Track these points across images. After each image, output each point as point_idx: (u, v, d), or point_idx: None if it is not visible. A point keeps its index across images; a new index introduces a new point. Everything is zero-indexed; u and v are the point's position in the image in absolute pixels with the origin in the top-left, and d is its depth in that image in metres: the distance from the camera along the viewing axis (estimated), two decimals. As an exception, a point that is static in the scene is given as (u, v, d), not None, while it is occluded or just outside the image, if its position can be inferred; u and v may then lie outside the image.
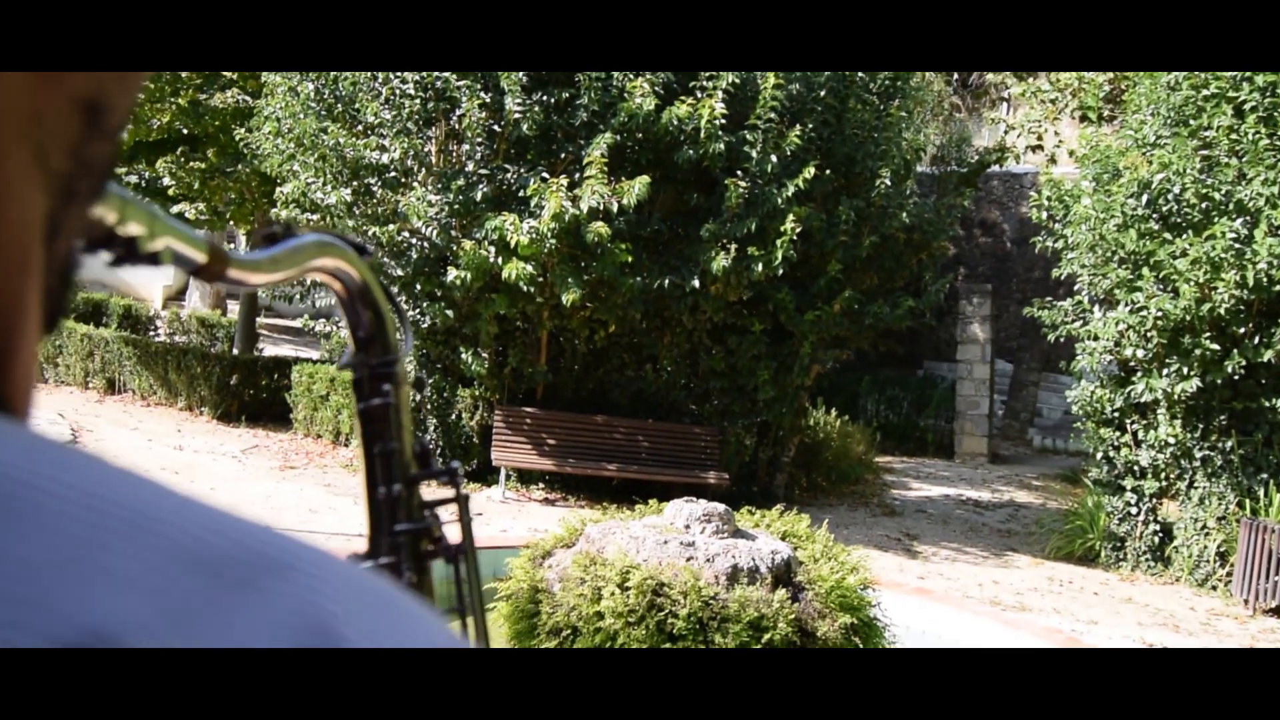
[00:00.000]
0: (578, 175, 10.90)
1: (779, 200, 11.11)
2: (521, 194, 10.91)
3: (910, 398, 20.17)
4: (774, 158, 11.17)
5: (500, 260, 10.89)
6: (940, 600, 9.06)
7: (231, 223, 15.98)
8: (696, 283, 11.29)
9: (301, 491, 11.17)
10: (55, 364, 15.82)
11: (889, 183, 11.80)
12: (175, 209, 14.91)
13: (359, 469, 0.89)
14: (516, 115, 10.91)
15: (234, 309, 19.15)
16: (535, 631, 6.30)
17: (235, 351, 16.47)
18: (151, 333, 18.59)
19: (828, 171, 11.66)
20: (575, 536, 6.97)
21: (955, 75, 19.70)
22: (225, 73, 14.36)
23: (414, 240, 11.51)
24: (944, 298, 14.02)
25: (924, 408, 19.95)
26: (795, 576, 6.70)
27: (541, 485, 12.62)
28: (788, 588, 6.50)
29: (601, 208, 10.58)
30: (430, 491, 0.89)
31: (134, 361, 15.38)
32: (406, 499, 0.84)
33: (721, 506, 6.93)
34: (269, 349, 18.38)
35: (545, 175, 10.92)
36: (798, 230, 11.08)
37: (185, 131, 14.54)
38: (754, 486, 12.83)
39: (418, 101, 11.18)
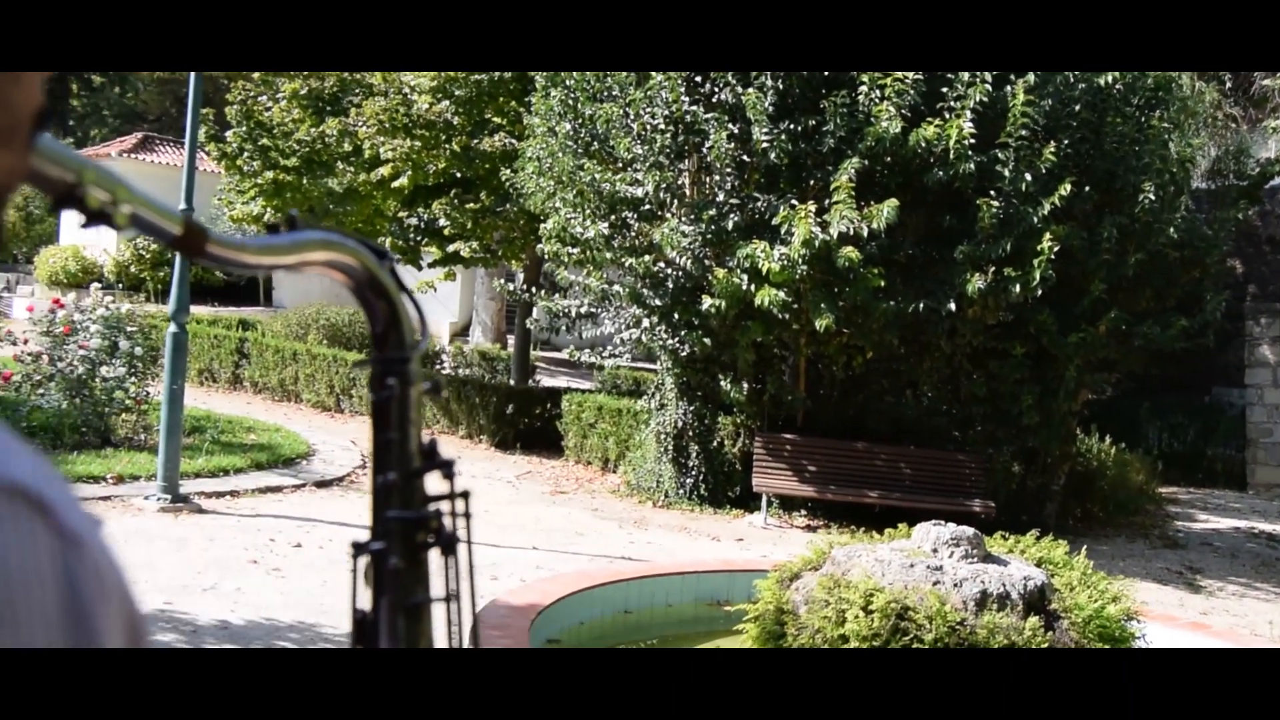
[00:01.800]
0: (826, 201, 10.86)
1: (1035, 219, 10.76)
2: (772, 221, 10.96)
3: (1196, 425, 18.95)
4: (1028, 175, 10.82)
5: (753, 287, 10.96)
6: (1218, 636, 8.50)
7: (503, 259, 16.67)
8: (952, 306, 11.03)
9: (569, 515, 11.52)
10: (350, 395, 16.86)
11: (1153, 197, 11.21)
12: (451, 247, 15.68)
13: (370, 460, 0.94)
14: (764, 144, 10.98)
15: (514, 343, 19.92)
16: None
17: (512, 382, 17.15)
18: (437, 366, 19.58)
19: (1086, 188, 11.19)
20: (822, 559, 6.94)
21: (1229, 83, 18.52)
22: (494, 119, 15.06)
23: (669, 270, 11.73)
24: (1224, 318, 13.16)
25: (1211, 435, 18.72)
26: (1050, 604, 6.46)
27: (804, 512, 12.58)
28: (1041, 615, 6.28)
29: (851, 232, 10.50)
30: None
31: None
32: (405, 489, 0.89)
33: (971, 530, 6.75)
34: (546, 380, 19.03)
35: (794, 202, 10.94)
36: (1056, 249, 10.68)
37: (459, 175, 15.29)
38: (1022, 515, 12.36)
39: (668, 136, 11.41)
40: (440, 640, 0.89)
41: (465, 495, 0.92)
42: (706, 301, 11.28)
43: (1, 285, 27.98)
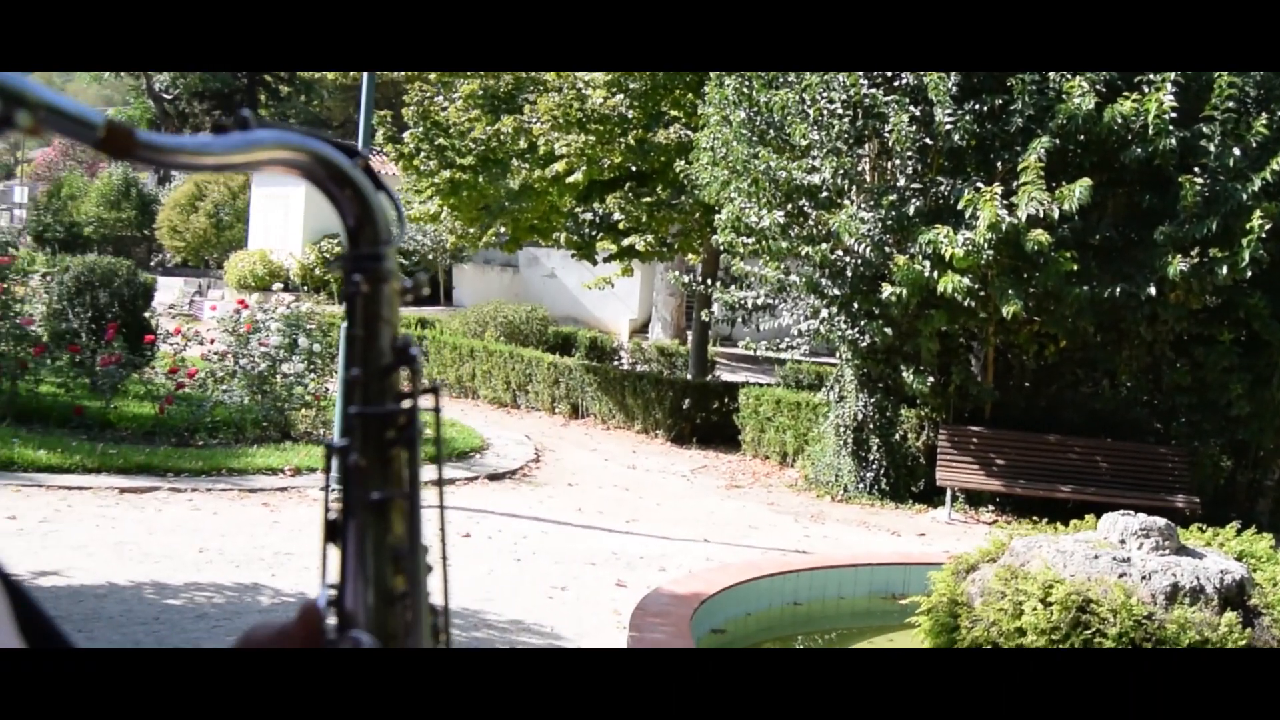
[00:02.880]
0: (1014, 183, 10.58)
1: (1243, 196, 10.26)
2: (955, 205, 10.73)
3: None
4: (1236, 150, 10.33)
5: (936, 274, 10.77)
6: None
7: (679, 252, 16.76)
8: (1153, 290, 10.61)
9: (744, 509, 11.52)
10: (526, 390, 17.22)
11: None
12: (625, 241, 15.84)
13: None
14: (947, 126, 10.77)
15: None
16: (954, 646, 6.18)
17: (689, 377, 17.24)
18: (616, 362, 19.84)
19: (1301, 161, 10.61)
20: (1000, 550, 6.77)
21: None
22: (669, 111, 15.15)
23: (848, 258, 11.60)
24: None
25: None
26: (1249, 599, 6.16)
27: (991, 508, 12.29)
28: (1239, 610, 6.00)
29: (1041, 215, 10.21)
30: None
31: (595, 388, 16.48)
32: (370, 386, 0.88)
33: (1162, 521, 6.49)
34: (726, 376, 19.07)
35: (979, 185, 10.70)
36: (1267, 228, 10.17)
37: (633, 169, 15.45)
38: (1231, 513, 11.78)
39: (846, 120, 11.30)
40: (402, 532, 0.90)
41: (435, 390, 0.92)
42: (887, 290, 11.13)
43: (193, 289, 29.53)
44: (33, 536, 7.95)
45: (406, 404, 0.89)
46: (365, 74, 10.49)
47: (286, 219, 29.85)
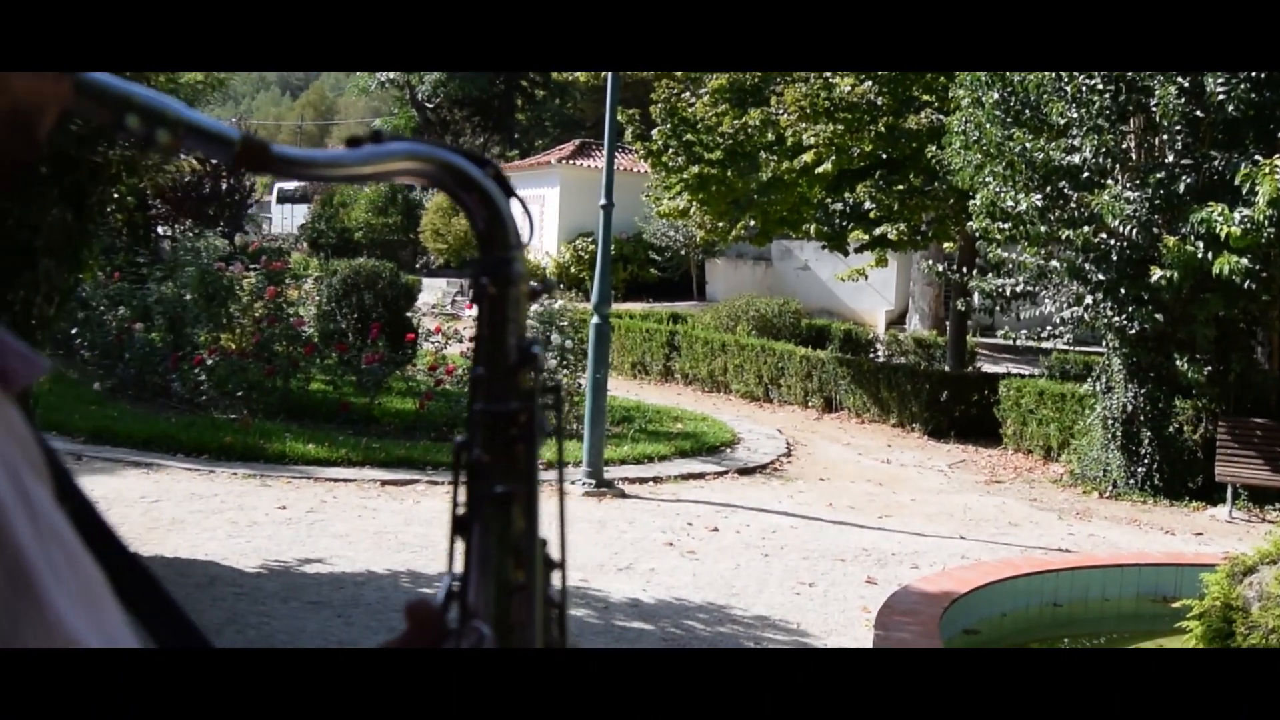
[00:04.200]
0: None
1: None
2: (1232, 181, 10.10)
3: None
4: None
5: (1210, 255, 10.17)
6: None
7: (933, 240, 16.39)
8: None
9: (1004, 505, 11.17)
10: (778, 384, 17.18)
11: None
12: (877, 230, 15.60)
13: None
14: (1220, 96, 10.15)
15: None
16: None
17: (946, 369, 16.84)
18: (871, 354, 19.57)
19: None
20: (1282, 551, 6.32)
21: None
22: (920, 95, 14.83)
23: (1112, 241, 11.09)
24: None
25: None
26: None
27: (1278, 505, 11.51)
28: None
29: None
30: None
31: (849, 381, 16.29)
32: (494, 385, 0.91)
33: None
34: (988, 367, 18.55)
35: (1258, 158, 10.03)
36: None
37: (884, 156, 15.19)
38: None
39: (1107, 96, 10.79)
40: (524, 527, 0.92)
41: (556, 389, 0.94)
42: (1156, 273, 10.59)
43: (455, 289, 30.73)
44: (300, 525, 8.45)
45: (526, 401, 0.91)
46: (610, 74, 10.68)
47: (541, 220, 30.73)
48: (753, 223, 17.07)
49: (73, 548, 0.58)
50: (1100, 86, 10.85)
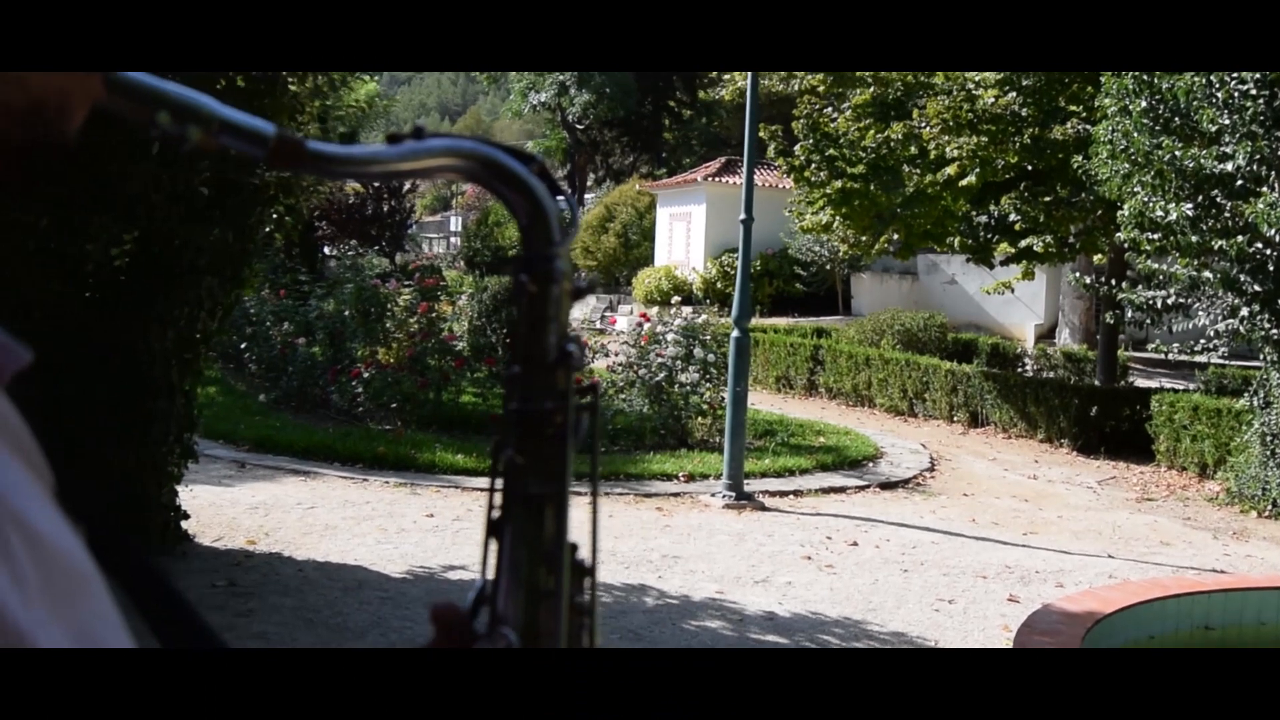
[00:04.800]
0: None
1: None
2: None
3: None
4: None
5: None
6: None
7: (1080, 252, 15.89)
8: None
9: (1154, 524, 10.73)
10: (922, 398, 16.85)
11: None
12: (1023, 243, 15.18)
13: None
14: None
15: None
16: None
17: (1096, 383, 16.31)
18: (1019, 368, 19.07)
19: None
20: None
21: None
22: (1066, 106, 14.41)
23: (1269, 251, 10.59)
24: None
25: None
26: None
27: None
28: None
29: None
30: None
31: (995, 395, 15.89)
32: (530, 384, 0.87)
33: None
34: (1141, 381, 17.92)
35: None
36: None
37: (1029, 168, 14.79)
38: None
39: (1262, 101, 10.31)
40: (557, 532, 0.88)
41: (593, 389, 0.89)
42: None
43: (605, 305, 30.95)
44: (446, 533, 8.56)
45: (558, 401, 0.88)
46: (749, 90, 10.62)
47: (689, 235, 30.78)
48: (896, 236, 16.78)
49: (46, 540, 0.56)
50: (1254, 91, 10.37)
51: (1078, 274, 15.74)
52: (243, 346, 15.62)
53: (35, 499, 0.57)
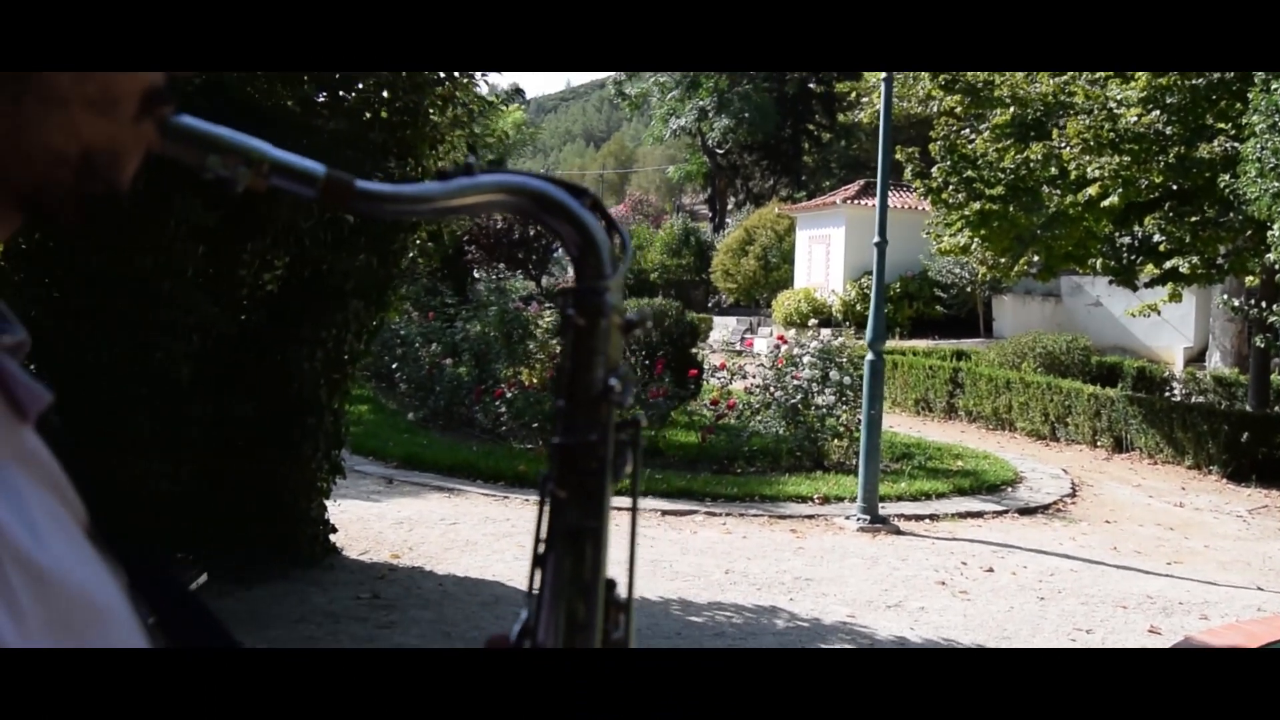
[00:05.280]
0: None
1: None
2: None
3: None
4: None
5: None
6: None
7: (1229, 273, 15.25)
8: None
9: (1311, 554, 10.23)
10: (1064, 423, 16.37)
11: None
12: (1168, 264, 14.65)
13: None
14: None
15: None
16: None
17: (1248, 408, 15.64)
18: (1166, 393, 18.41)
19: None
20: None
21: None
22: (1214, 124, 13.88)
23: None
24: None
25: None
26: None
27: None
28: None
29: None
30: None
31: (1140, 420, 15.35)
32: (574, 418, 0.86)
33: None
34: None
35: None
36: None
37: (1174, 187, 14.27)
38: None
39: None
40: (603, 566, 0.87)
41: (635, 424, 0.88)
42: None
43: (744, 327, 30.86)
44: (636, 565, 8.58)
45: (601, 434, 0.87)
46: (883, 112, 10.49)
47: (829, 258, 30.53)
48: (1036, 258, 16.34)
49: (52, 575, 0.56)
50: None
51: (1226, 296, 15.12)
52: (393, 366, 15.99)
53: (52, 535, 0.58)
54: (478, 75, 7.69)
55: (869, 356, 10.31)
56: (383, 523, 9.20)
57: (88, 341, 5.82)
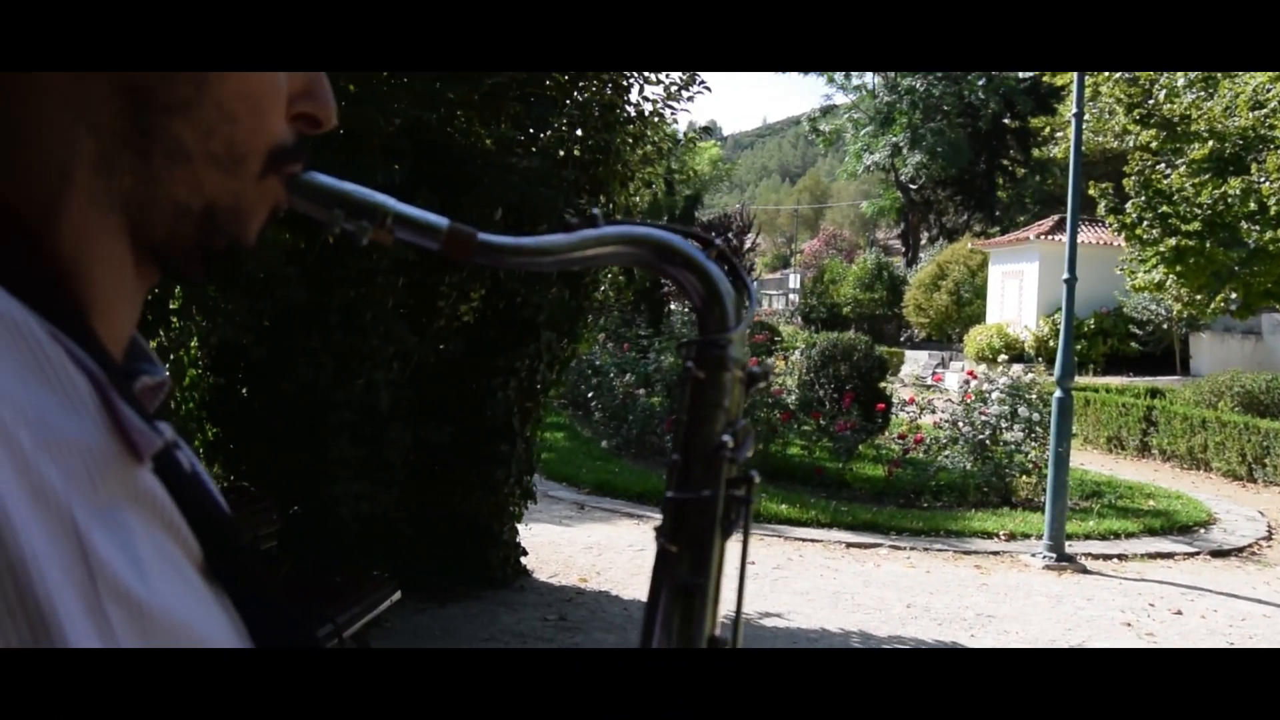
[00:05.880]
0: None
1: None
2: None
3: None
4: None
5: None
6: None
7: None
8: None
9: None
10: (1263, 464, 15.44)
11: None
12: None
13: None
14: None
15: None
16: None
17: None
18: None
19: None
20: None
21: None
22: None
23: None
24: None
25: None
26: None
27: None
28: None
29: None
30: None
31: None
32: (689, 472, 0.83)
33: None
34: None
35: None
36: None
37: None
38: None
39: None
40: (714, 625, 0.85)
41: (749, 481, 0.85)
42: None
43: (936, 361, 30.20)
44: (764, 581, 8.55)
45: (715, 491, 0.85)
46: (1073, 147, 10.18)
47: (1021, 293, 29.67)
48: (1234, 295, 15.53)
49: (153, 610, 0.57)
50: None
51: None
52: (589, 395, 16.24)
53: (159, 572, 0.59)
54: (668, 114, 7.77)
55: (1057, 393, 9.98)
56: (573, 547, 9.34)
57: (295, 368, 6.10)
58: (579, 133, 7.22)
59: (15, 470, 0.50)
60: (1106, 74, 16.55)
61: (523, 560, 8.04)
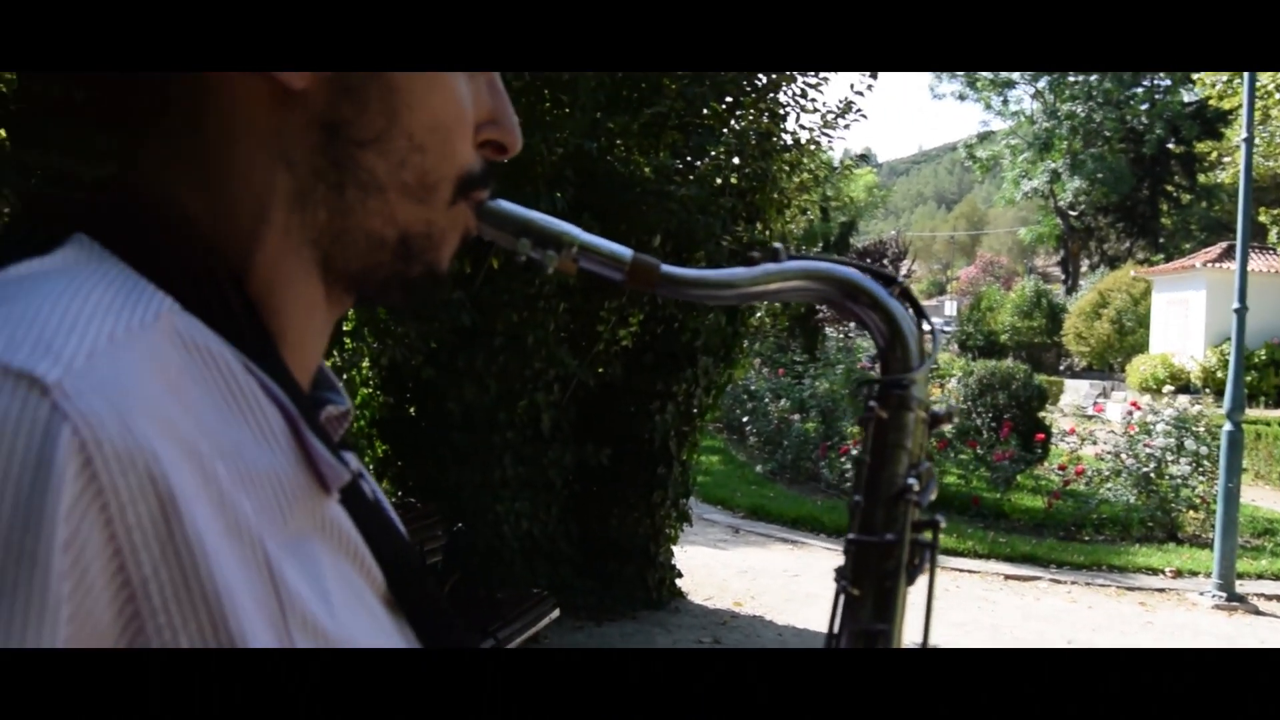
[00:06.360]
0: None
1: None
2: None
3: None
4: None
5: None
6: None
7: None
8: None
9: None
10: None
11: None
12: None
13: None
14: None
15: None
16: None
17: None
18: None
19: None
20: None
21: None
22: None
23: None
24: None
25: None
26: None
27: None
28: None
29: None
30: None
31: None
32: (872, 514, 0.79)
33: None
34: None
35: None
36: None
37: None
38: None
39: None
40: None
41: (934, 525, 0.79)
42: None
43: (1098, 391, 29.11)
44: (920, 611, 8.27)
45: (899, 534, 0.80)
46: (1242, 172, 9.70)
47: (1187, 322, 28.43)
48: None
49: (337, 638, 0.57)
50: None
51: None
52: (744, 420, 16.15)
53: (344, 603, 0.60)
54: (824, 141, 7.67)
55: (1227, 426, 9.45)
56: (727, 571, 9.25)
57: (462, 389, 6.20)
58: (736, 160, 7.17)
59: (211, 503, 0.51)
60: (1278, 98, 15.75)
61: (678, 582, 7.98)
